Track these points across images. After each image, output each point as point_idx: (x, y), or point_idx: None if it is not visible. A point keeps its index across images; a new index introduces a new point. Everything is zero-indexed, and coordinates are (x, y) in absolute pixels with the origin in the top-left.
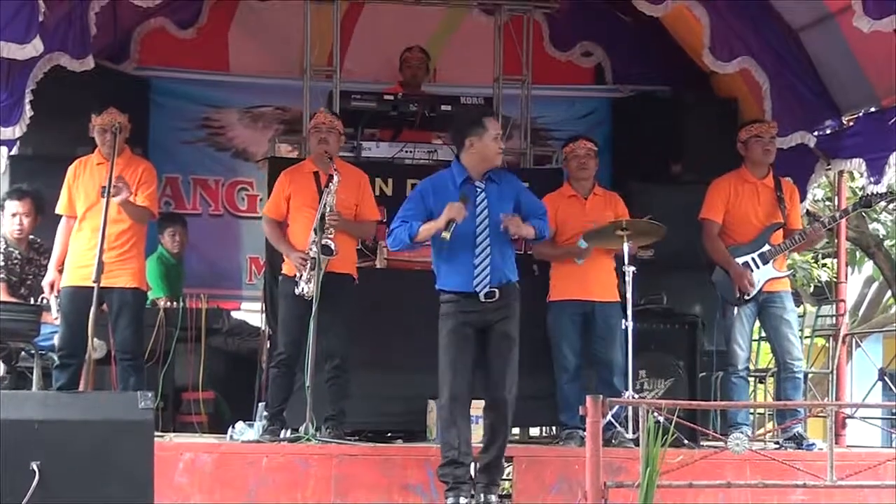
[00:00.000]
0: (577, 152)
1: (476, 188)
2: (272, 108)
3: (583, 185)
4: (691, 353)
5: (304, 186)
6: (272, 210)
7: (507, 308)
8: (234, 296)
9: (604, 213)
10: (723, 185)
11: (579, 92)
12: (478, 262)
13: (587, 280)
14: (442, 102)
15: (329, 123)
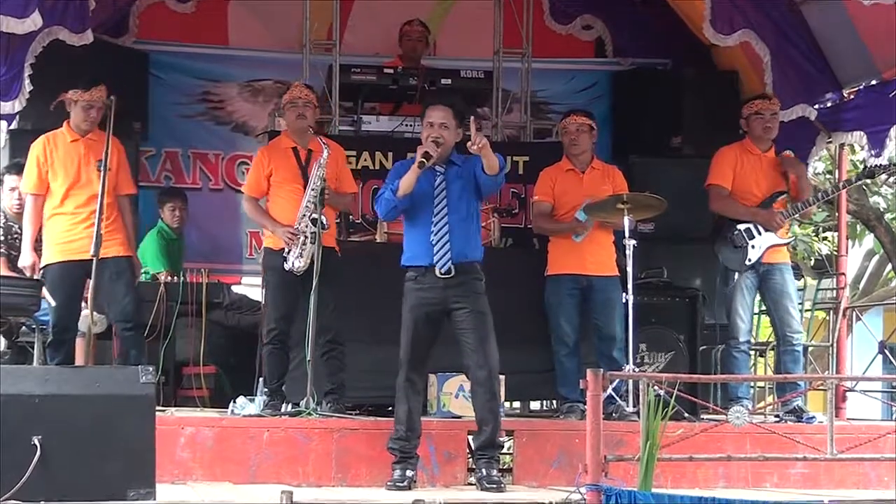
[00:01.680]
0: (567, 128)
1: (436, 173)
2: (272, 81)
3: (579, 159)
4: (692, 326)
5: (285, 162)
6: (253, 188)
7: (468, 286)
8: (234, 270)
9: (602, 187)
10: (728, 152)
11: (579, 65)
12: (435, 240)
13: (584, 254)
14: (442, 76)
15: (306, 97)
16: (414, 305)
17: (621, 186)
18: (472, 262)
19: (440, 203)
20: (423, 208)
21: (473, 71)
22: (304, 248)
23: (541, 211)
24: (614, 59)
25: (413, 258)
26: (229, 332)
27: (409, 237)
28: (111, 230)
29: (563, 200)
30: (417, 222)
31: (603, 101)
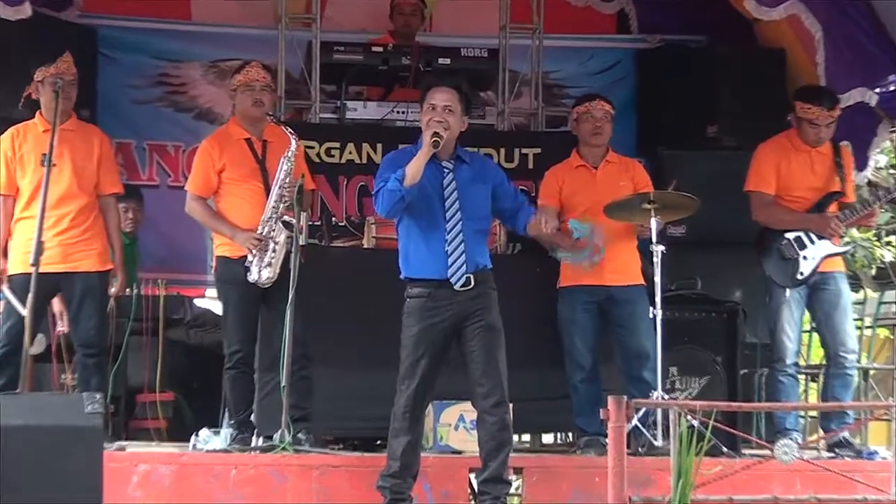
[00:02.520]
0: (593, 113)
1: (443, 168)
2: (242, 61)
3: (594, 151)
4: (730, 346)
5: (239, 156)
6: (201, 186)
7: (485, 297)
8: (197, 281)
9: (618, 184)
10: (770, 150)
11: (599, 42)
12: (451, 249)
13: (604, 260)
14: (439, 55)
15: (264, 80)
16: (425, 326)
17: (643, 183)
18: (487, 270)
19: (453, 205)
20: (429, 210)
21: (476, 49)
22: (274, 257)
23: None
24: (639, 35)
25: (421, 270)
26: (191, 352)
27: (414, 245)
28: (85, 239)
29: (574, 202)
30: (423, 227)
31: (626, 83)
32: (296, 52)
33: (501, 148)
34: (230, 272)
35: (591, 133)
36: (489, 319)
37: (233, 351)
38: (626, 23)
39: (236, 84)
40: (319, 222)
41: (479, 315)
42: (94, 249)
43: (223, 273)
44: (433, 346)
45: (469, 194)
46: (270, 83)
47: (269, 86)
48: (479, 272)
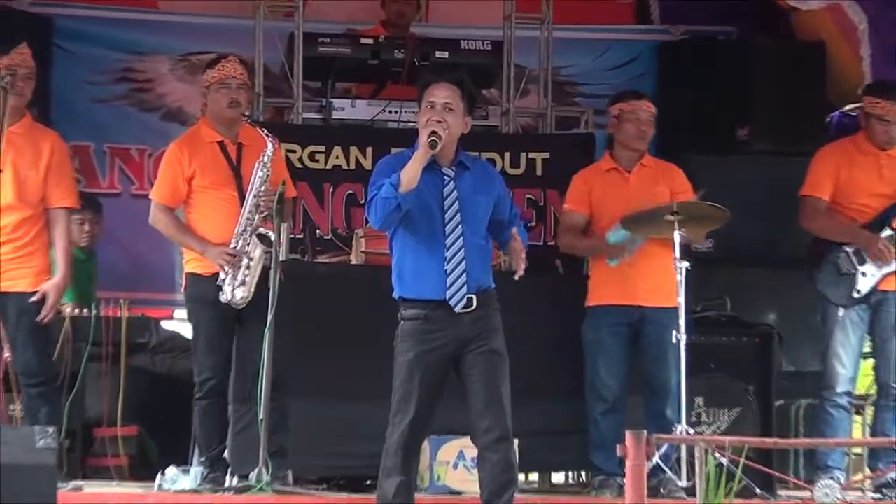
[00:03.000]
0: (639, 114)
1: (443, 175)
2: (215, 55)
3: (630, 155)
4: (764, 374)
5: (211, 161)
6: (168, 195)
7: (488, 320)
8: (164, 301)
9: (654, 190)
10: (830, 153)
11: (616, 34)
12: (450, 267)
13: (635, 279)
14: (437, 48)
15: (241, 77)
16: (421, 352)
17: (681, 189)
18: (490, 291)
19: (454, 217)
20: (428, 221)
21: (478, 42)
22: (248, 274)
23: (570, 224)
24: (662, 26)
25: (416, 289)
26: (157, 381)
27: (409, 261)
28: (22, 256)
29: (604, 209)
30: (420, 240)
31: (646, 80)
32: (276, 44)
33: (506, 152)
34: (201, 291)
35: (636, 136)
36: (493, 345)
37: (204, 379)
38: (646, 12)
39: (209, 80)
40: (302, 235)
41: (481, 340)
42: (32, 268)
43: (194, 292)
44: (429, 374)
45: (472, 205)
46: (248, 81)
47: (245, 84)
48: (482, 292)
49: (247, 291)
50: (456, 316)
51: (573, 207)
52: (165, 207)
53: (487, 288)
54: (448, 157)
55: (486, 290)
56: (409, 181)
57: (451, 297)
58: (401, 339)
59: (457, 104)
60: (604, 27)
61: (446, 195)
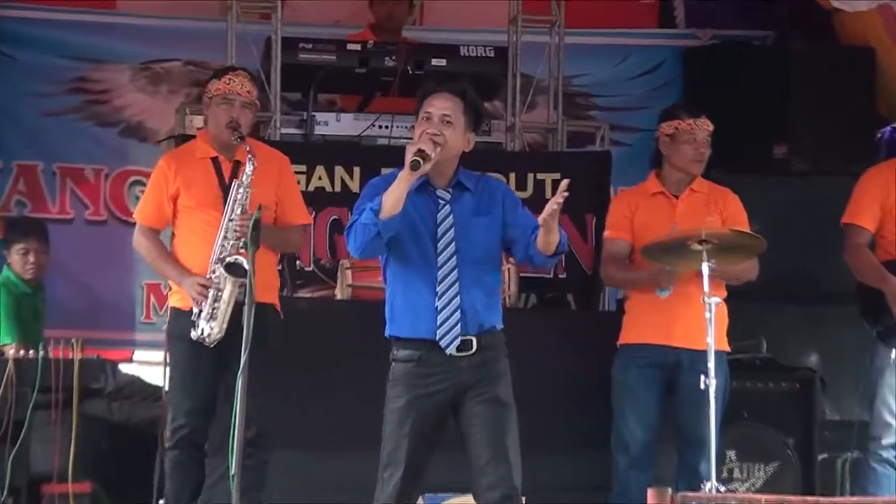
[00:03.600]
0: (697, 135)
1: (437, 198)
2: (181, 62)
3: (680, 177)
4: (805, 424)
5: (200, 178)
6: (151, 215)
7: (492, 365)
8: (123, 341)
9: (704, 218)
10: (875, 176)
11: (636, 39)
12: (442, 303)
13: (672, 317)
14: (433, 55)
15: (247, 96)
16: (413, 398)
17: (735, 218)
18: (495, 332)
19: (447, 246)
20: (420, 251)
21: (479, 47)
22: (217, 307)
23: (613, 252)
24: (688, 30)
25: (408, 327)
26: (114, 430)
27: (402, 295)
28: None
29: (646, 236)
30: (413, 272)
31: (671, 90)
32: (250, 50)
33: (511, 173)
34: (180, 328)
35: (693, 159)
36: (495, 392)
37: (176, 426)
38: (669, 15)
39: (212, 92)
40: (280, 267)
41: (482, 387)
42: None
43: (174, 328)
44: (423, 423)
45: (471, 231)
46: (254, 100)
47: (251, 103)
48: (485, 333)
49: (218, 327)
50: (453, 358)
51: (616, 234)
52: (148, 230)
53: (492, 328)
54: (445, 176)
55: (489, 330)
56: (392, 206)
57: (441, 338)
58: (392, 384)
59: (457, 117)
60: (622, 31)
61: (440, 220)
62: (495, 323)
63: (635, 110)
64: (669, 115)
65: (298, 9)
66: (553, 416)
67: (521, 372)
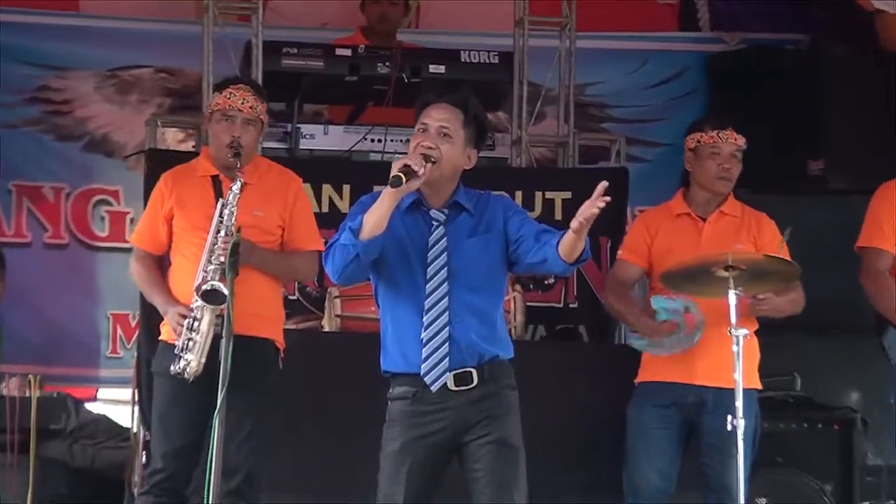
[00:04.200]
0: (721, 149)
1: (430, 220)
2: (152, 69)
3: (708, 198)
4: (845, 469)
5: (197, 198)
6: (146, 238)
7: (496, 400)
8: (87, 378)
9: (733, 245)
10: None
11: (656, 43)
12: (427, 335)
13: (698, 351)
14: (431, 61)
15: (250, 112)
16: (409, 441)
17: (769, 244)
18: (500, 362)
19: (438, 271)
20: (409, 276)
21: (482, 53)
22: (192, 339)
23: (619, 277)
24: (713, 33)
25: (400, 361)
26: (76, 475)
27: (394, 326)
28: None
29: (667, 262)
30: (404, 301)
31: (694, 100)
32: (229, 56)
33: (517, 191)
34: (165, 362)
35: (717, 176)
36: (502, 432)
37: (152, 470)
38: (692, 17)
39: (212, 108)
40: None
41: (486, 426)
42: None
43: (159, 363)
44: (420, 467)
45: (467, 253)
46: (260, 116)
47: (256, 120)
48: (487, 364)
49: (195, 360)
50: (453, 394)
51: (627, 256)
52: (142, 254)
53: (495, 358)
54: (441, 196)
55: (493, 360)
56: (373, 226)
57: (426, 373)
58: (388, 424)
59: (456, 131)
60: (640, 35)
61: (432, 243)
62: (499, 352)
63: (654, 122)
64: (693, 127)
65: (281, 10)
66: (562, 460)
67: (528, 411)
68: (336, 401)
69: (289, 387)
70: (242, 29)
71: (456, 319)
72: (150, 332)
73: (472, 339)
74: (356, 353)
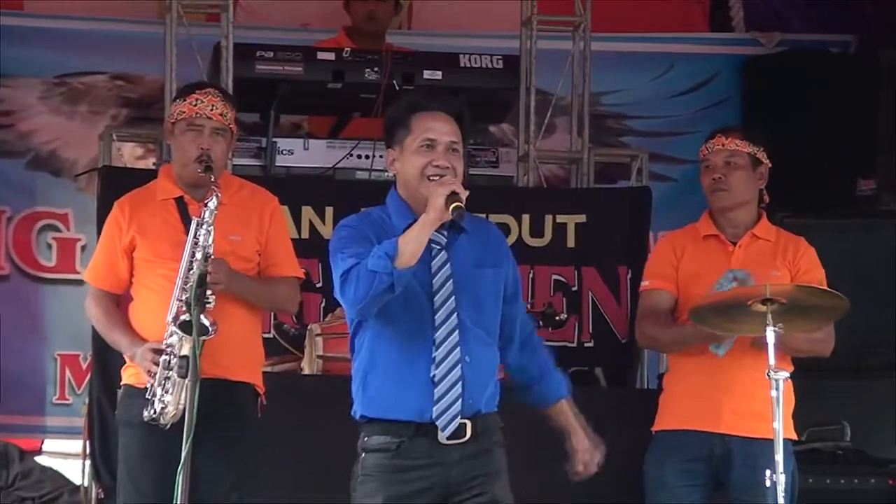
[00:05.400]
0: (710, 160)
1: (431, 243)
2: (106, 76)
3: (730, 219)
4: None
5: (160, 223)
6: (103, 276)
7: (488, 458)
8: (30, 427)
9: (768, 273)
10: None
11: (683, 45)
12: (441, 373)
13: (721, 396)
14: (426, 66)
15: (220, 121)
16: (391, 498)
17: (809, 275)
18: (492, 416)
19: (446, 301)
20: (410, 308)
21: (484, 56)
22: (171, 377)
23: (651, 307)
24: (748, 34)
25: (389, 406)
26: None
27: (380, 364)
28: None
29: (693, 291)
30: (397, 336)
31: (726, 111)
32: (195, 60)
33: (524, 214)
34: (133, 409)
35: (710, 191)
36: (494, 493)
37: None
38: (725, 15)
39: (176, 117)
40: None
41: (478, 486)
42: None
43: (124, 411)
44: None
45: (474, 284)
46: (230, 125)
47: (226, 129)
48: (481, 418)
49: (173, 403)
50: (442, 448)
51: (656, 284)
52: (99, 293)
53: (488, 413)
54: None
55: (487, 415)
56: (412, 254)
57: (438, 416)
58: (362, 480)
59: (461, 145)
60: (665, 36)
61: (435, 269)
62: (493, 405)
63: (681, 136)
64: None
65: (255, 9)
66: None
67: (535, 465)
68: (317, 452)
69: (264, 436)
70: (210, 30)
71: (466, 358)
72: (105, 374)
73: (480, 385)
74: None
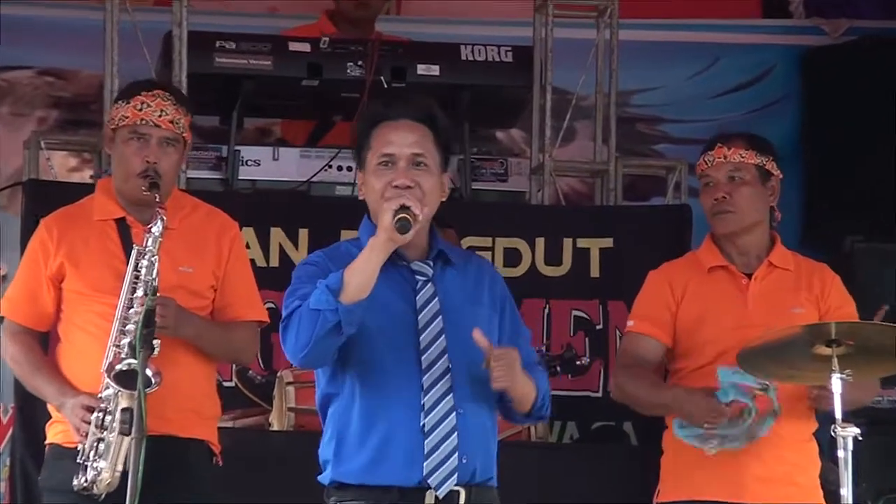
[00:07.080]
0: (710, 176)
1: (413, 275)
2: (33, 72)
3: (738, 246)
4: None
5: (95, 250)
6: (23, 309)
7: None
8: None
9: (789, 309)
10: None
11: (730, 34)
12: (431, 421)
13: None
14: (419, 58)
15: (169, 127)
16: None
17: (842, 308)
18: (490, 487)
19: (435, 339)
20: (391, 351)
21: (490, 48)
22: (105, 439)
23: (634, 354)
24: (809, 21)
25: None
26: None
27: (357, 419)
28: None
29: (700, 337)
30: (377, 383)
31: (784, 111)
32: (142, 52)
33: (538, 237)
34: (61, 473)
35: (712, 211)
36: None
37: None
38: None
39: (117, 123)
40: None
41: None
42: None
43: (52, 475)
44: None
45: (465, 322)
46: (181, 133)
47: (177, 139)
48: (477, 487)
49: (109, 468)
50: None
51: (642, 328)
52: (19, 329)
53: (486, 481)
54: (419, 244)
55: (483, 483)
56: (362, 285)
57: (429, 475)
58: None
59: (431, 156)
60: (708, 23)
61: (420, 304)
62: (491, 473)
63: None
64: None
65: None
66: None
67: None
68: None
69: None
70: (160, 16)
71: (460, 406)
72: (29, 429)
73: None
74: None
